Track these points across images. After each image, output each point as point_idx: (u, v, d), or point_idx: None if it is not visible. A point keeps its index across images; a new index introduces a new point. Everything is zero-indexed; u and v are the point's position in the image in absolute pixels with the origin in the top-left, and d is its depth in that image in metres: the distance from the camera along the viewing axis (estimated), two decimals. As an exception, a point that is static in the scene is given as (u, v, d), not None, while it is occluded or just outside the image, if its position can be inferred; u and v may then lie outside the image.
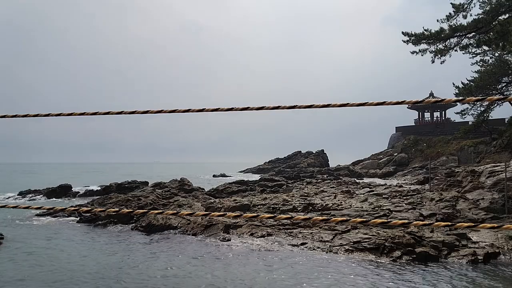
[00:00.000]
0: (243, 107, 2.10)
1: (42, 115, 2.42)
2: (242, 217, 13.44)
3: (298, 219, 2.04)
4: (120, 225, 15.74)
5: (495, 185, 17.01)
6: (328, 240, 11.66)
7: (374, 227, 11.85)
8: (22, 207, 2.46)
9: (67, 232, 15.03)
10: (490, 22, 18.76)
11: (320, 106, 2.02)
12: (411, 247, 10.46)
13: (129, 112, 2.29)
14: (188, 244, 12.47)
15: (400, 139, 59.79)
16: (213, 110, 2.17)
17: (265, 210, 16.53)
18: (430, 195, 17.45)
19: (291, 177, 38.43)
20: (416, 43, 20.87)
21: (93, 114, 2.37)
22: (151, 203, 19.18)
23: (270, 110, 2.07)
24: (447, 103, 2.15)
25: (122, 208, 17.33)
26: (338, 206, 16.26)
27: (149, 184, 30.54)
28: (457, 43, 20.54)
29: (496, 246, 10.68)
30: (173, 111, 2.27)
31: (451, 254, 10.30)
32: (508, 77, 26.14)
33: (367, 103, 2.01)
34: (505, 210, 14.54)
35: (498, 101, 21.26)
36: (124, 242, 12.98)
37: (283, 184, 29.28)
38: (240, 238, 12.77)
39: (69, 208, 4.34)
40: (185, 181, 27.63)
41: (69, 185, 31.19)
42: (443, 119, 62.45)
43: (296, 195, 20.07)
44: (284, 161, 69.25)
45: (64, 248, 12.22)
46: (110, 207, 18.80)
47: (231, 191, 25.91)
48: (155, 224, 14.74)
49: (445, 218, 13.79)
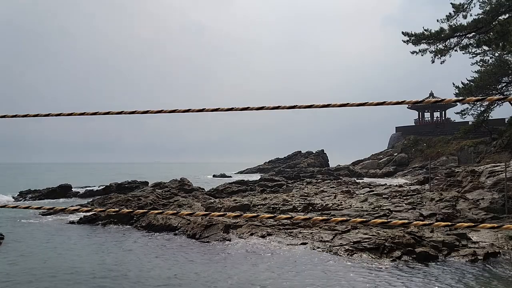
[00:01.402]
0: (243, 107, 2.10)
1: (42, 115, 2.42)
2: (242, 217, 13.43)
3: (298, 219, 2.04)
4: (120, 225, 15.74)
5: (495, 185, 17.01)
6: (328, 240, 11.65)
7: (374, 227, 11.85)
8: (22, 207, 2.45)
9: (67, 232, 15.02)
10: (490, 22, 18.74)
11: (320, 106, 2.02)
12: (411, 247, 10.46)
13: (129, 112, 2.28)
14: (188, 244, 12.47)
15: (400, 139, 59.77)
16: (213, 110, 2.17)
17: (265, 210, 16.53)
18: (430, 195, 17.45)
19: (291, 177, 38.43)
20: (416, 43, 20.86)
21: (93, 114, 2.37)
22: (151, 203, 19.18)
23: (270, 110, 2.07)
24: (447, 103, 2.15)
25: (122, 208, 17.32)
26: (338, 206, 16.26)
27: (149, 184, 30.54)
28: (457, 43, 20.53)
29: (496, 246, 10.68)
30: (173, 111, 2.26)
31: (451, 254, 10.30)
32: (508, 77, 26.13)
33: (367, 103, 2.01)
34: (505, 210, 14.53)
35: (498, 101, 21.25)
36: (124, 242, 12.98)
37: (283, 184, 29.28)
38: (240, 238, 12.76)
39: (69, 208, 4.33)
40: (185, 181, 27.63)
41: (69, 185, 31.18)
42: (443, 119, 62.44)
43: (296, 195, 20.07)
44: (284, 161, 69.23)
45: (64, 248, 12.21)
46: (110, 207, 18.80)
47: (231, 191, 25.91)
48: (155, 224, 14.74)
49: (445, 218, 13.79)
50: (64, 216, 18.15)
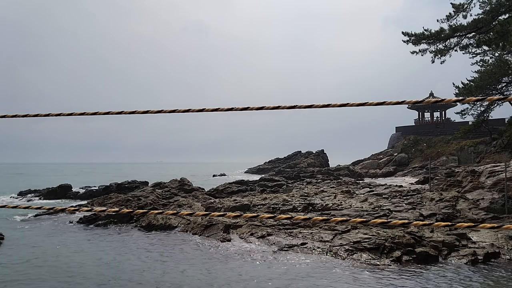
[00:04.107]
0: (243, 107, 2.10)
1: (42, 115, 2.42)
2: (242, 217, 13.41)
3: (298, 219, 2.04)
4: (120, 225, 15.73)
5: (495, 185, 17.00)
6: (328, 240, 11.65)
7: (374, 227, 11.84)
8: (22, 207, 2.45)
9: (67, 232, 15.02)
10: (490, 22, 18.73)
11: (320, 106, 2.02)
12: (411, 247, 10.46)
13: (129, 112, 2.28)
14: (188, 244, 12.47)
15: (400, 139, 59.73)
16: (213, 110, 2.16)
17: (265, 210, 16.52)
18: (430, 195, 17.44)
19: (291, 177, 38.43)
20: (416, 43, 20.84)
21: (93, 114, 2.36)
22: (151, 203, 19.18)
23: (270, 110, 2.07)
24: (447, 103, 2.15)
25: (122, 208, 17.32)
26: (338, 206, 16.25)
27: (149, 184, 30.55)
28: (457, 43, 20.51)
29: (496, 246, 10.68)
30: (173, 111, 2.26)
31: (451, 254, 10.30)
32: (508, 77, 26.09)
33: (367, 103, 2.01)
34: (505, 210, 14.53)
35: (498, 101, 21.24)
36: (124, 242, 12.98)
37: (283, 184, 29.29)
38: (240, 238, 12.76)
39: (69, 208, 4.34)
40: (185, 181, 27.62)
41: (69, 185, 31.20)
42: (443, 119, 62.41)
43: (296, 195, 20.05)
44: (284, 161, 69.17)
45: (64, 248, 12.21)
46: (110, 207, 18.80)
47: (231, 191, 25.92)
48: (155, 224, 14.74)
49: (445, 218, 13.79)
50: (64, 216, 18.14)
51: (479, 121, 26.91)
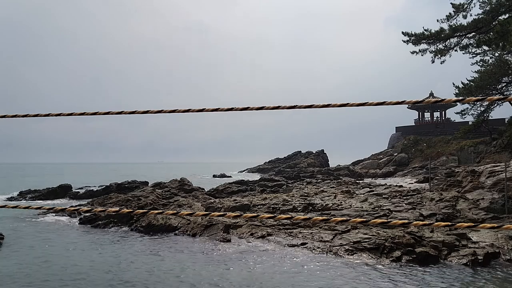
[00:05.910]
0: (243, 107, 2.10)
1: (42, 115, 2.42)
2: (242, 217, 13.42)
3: (298, 219, 2.04)
4: (120, 225, 15.73)
5: (495, 185, 17.00)
6: (328, 240, 11.65)
7: (374, 227, 11.84)
8: (22, 207, 2.45)
9: (67, 232, 15.03)
10: (490, 22, 18.72)
11: (320, 106, 2.02)
12: (411, 247, 10.45)
13: (129, 112, 2.28)
14: (188, 244, 12.47)
15: (400, 139, 59.73)
16: (213, 110, 2.16)
17: (265, 210, 16.52)
18: (430, 195, 17.44)
19: (291, 177, 38.44)
20: (416, 43, 20.83)
21: (93, 114, 2.36)
22: (151, 203, 19.18)
23: (270, 110, 2.07)
24: (447, 103, 2.15)
25: (122, 208, 17.32)
26: (338, 206, 16.25)
27: (149, 184, 30.55)
28: (457, 43, 20.50)
29: (496, 246, 10.68)
30: (173, 111, 2.26)
31: (451, 254, 10.30)
32: (508, 77, 26.08)
33: (367, 103, 2.01)
34: (505, 210, 14.53)
35: (498, 101, 21.25)
36: (124, 242, 12.98)
37: (283, 184, 29.29)
38: (240, 238, 12.76)
39: (69, 208, 4.34)
40: (185, 181, 27.62)
41: (69, 185, 31.20)
42: (443, 119, 62.39)
43: (296, 195, 20.05)
44: (284, 161, 69.18)
45: (64, 248, 12.21)
46: (110, 207, 18.80)
47: (231, 191, 25.92)
48: (155, 224, 14.73)
49: (445, 218, 13.79)
50: (64, 216, 18.13)
51: (479, 121, 26.89)
